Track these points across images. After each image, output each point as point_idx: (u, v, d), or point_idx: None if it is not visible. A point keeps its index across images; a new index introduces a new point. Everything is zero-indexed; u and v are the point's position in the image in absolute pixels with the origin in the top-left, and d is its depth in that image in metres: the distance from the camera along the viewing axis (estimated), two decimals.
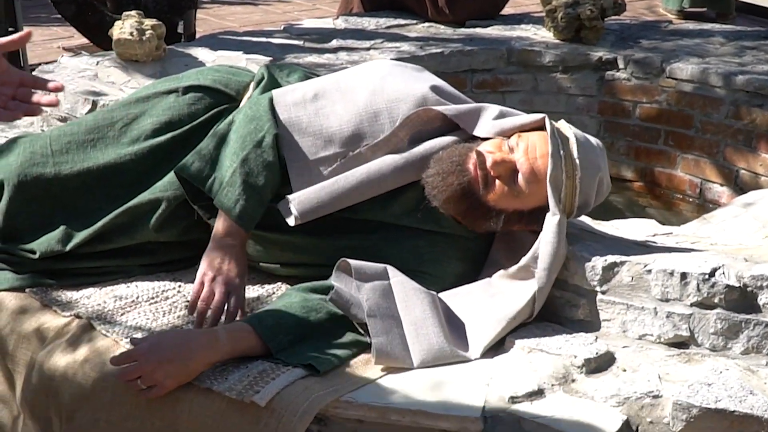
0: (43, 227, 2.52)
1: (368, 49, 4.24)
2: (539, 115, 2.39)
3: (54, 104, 1.95)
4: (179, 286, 2.49)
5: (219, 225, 2.36)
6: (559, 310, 2.37)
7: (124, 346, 2.24)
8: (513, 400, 2.08)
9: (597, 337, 2.27)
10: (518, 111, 2.49)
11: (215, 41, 4.24)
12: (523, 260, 2.30)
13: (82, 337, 2.31)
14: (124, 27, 3.77)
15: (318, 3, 8.17)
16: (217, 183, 2.37)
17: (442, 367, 2.20)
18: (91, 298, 2.45)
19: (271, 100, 2.48)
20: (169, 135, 2.57)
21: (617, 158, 4.38)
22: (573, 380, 2.15)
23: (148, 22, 3.80)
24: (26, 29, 1.94)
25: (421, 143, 2.42)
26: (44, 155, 2.56)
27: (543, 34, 4.55)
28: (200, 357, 2.12)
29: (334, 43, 4.33)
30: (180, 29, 5.72)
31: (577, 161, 2.29)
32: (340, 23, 4.73)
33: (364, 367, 2.19)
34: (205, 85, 2.64)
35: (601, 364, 2.19)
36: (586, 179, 2.31)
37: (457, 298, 2.36)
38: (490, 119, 2.42)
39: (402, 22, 4.78)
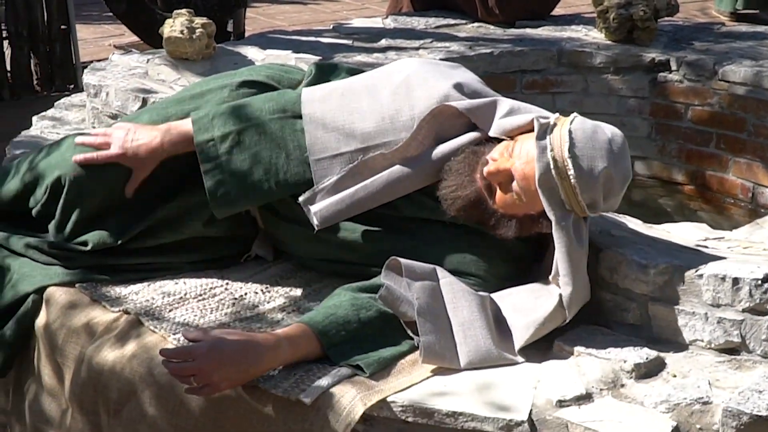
0: (95, 221, 2.55)
1: (417, 48, 4.24)
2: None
3: None
4: (227, 283, 2.51)
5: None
6: (609, 313, 2.35)
7: (172, 342, 2.26)
8: (561, 403, 2.07)
9: (647, 342, 2.25)
10: (532, 106, 2.45)
11: (264, 40, 4.25)
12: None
13: (130, 332, 2.33)
14: (174, 25, 3.79)
15: (367, 2, 8.18)
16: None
17: (489, 369, 2.19)
18: (140, 294, 2.47)
19: (299, 95, 2.51)
20: None
21: (668, 161, 4.34)
22: (622, 385, 2.13)
23: (199, 21, 3.82)
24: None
25: (443, 143, 2.41)
26: None
27: (594, 35, 4.52)
28: (263, 364, 2.10)
29: (383, 42, 4.33)
30: (229, 28, 5.76)
31: (569, 161, 2.21)
32: (390, 22, 4.73)
33: (411, 367, 2.19)
34: (258, 80, 2.66)
35: (650, 369, 2.17)
36: (583, 178, 2.22)
37: (504, 299, 2.36)
38: (498, 118, 2.40)
39: (451, 21, 4.77)
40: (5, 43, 6.23)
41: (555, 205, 2.23)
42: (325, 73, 2.68)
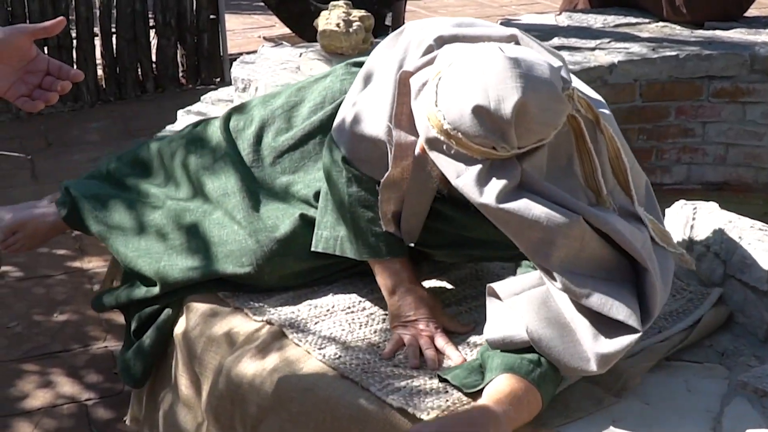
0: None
1: (593, 49, 4.20)
2: None
3: (66, 91, 1.99)
4: (376, 296, 2.52)
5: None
6: None
7: (316, 357, 2.28)
8: None
9: None
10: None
11: None
12: None
13: (272, 344, 2.36)
14: (330, 17, 3.84)
15: None
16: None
17: (661, 400, 2.15)
18: (284, 304, 2.51)
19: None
20: (321, 112, 2.70)
21: None
22: None
23: (356, 14, 3.86)
24: (60, 19, 1.97)
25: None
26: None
27: None
28: None
29: (556, 41, 4.30)
30: (388, 21, 5.80)
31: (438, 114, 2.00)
32: (563, 20, 4.70)
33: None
34: (362, 60, 2.66)
35: None
36: (459, 124, 1.96)
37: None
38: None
39: (633, 20, 4.72)
40: (152, 32, 6.40)
41: (450, 163, 2.02)
42: None
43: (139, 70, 6.38)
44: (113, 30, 6.27)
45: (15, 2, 5.89)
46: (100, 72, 6.30)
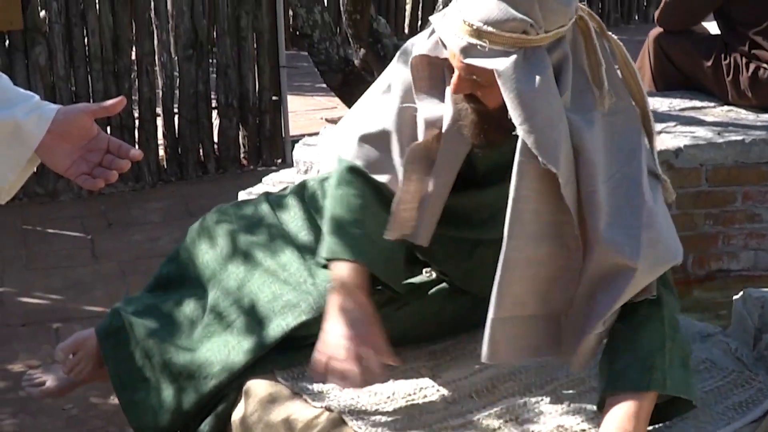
0: None
1: (659, 132, 4.20)
2: None
3: (124, 170, 2.04)
4: (439, 383, 2.52)
5: None
6: None
7: None
8: None
9: None
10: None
11: None
12: None
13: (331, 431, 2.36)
14: None
15: None
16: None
17: None
18: (344, 389, 2.50)
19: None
20: None
21: None
22: None
23: None
24: (120, 98, 2.04)
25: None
26: None
27: None
28: None
29: None
30: None
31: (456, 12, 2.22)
32: None
33: None
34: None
35: None
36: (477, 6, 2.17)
37: None
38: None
39: (698, 104, 4.72)
40: (214, 113, 6.49)
41: (488, 62, 2.17)
42: None
43: (201, 150, 6.46)
44: (175, 110, 6.36)
45: (79, 82, 6.01)
46: (161, 152, 6.39)
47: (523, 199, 2.17)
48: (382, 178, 2.52)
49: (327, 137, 3.87)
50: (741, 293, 2.70)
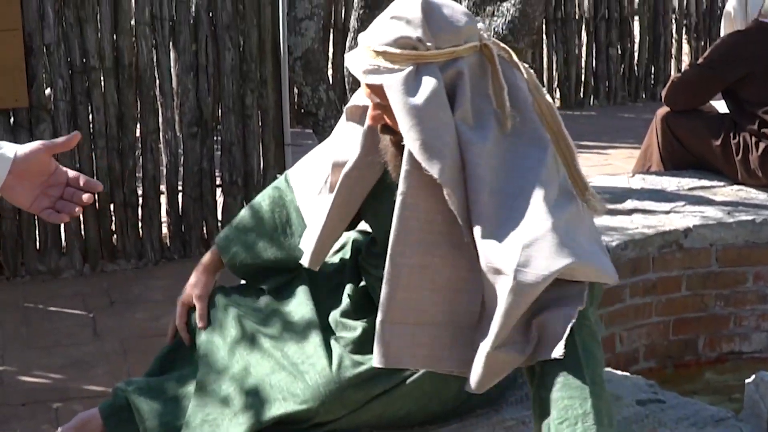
0: None
1: (668, 212, 4.19)
2: None
3: (87, 203, 2.11)
4: None
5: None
6: None
7: None
8: None
9: None
10: None
11: None
12: None
13: None
14: None
15: (611, 158, 8.17)
16: None
17: None
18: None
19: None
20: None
21: None
22: None
23: None
24: (75, 133, 2.13)
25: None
26: None
27: None
28: None
29: (629, 203, 4.30)
30: None
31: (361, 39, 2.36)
32: (637, 182, 4.71)
33: None
34: None
35: None
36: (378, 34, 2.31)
37: None
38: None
39: (707, 183, 4.71)
40: (218, 191, 6.49)
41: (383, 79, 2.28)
42: None
43: (204, 228, 6.45)
44: (180, 188, 6.36)
45: (83, 159, 6.01)
46: (164, 229, 6.38)
47: (409, 206, 2.24)
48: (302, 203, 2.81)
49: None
50: (753, 377, 2.67)
